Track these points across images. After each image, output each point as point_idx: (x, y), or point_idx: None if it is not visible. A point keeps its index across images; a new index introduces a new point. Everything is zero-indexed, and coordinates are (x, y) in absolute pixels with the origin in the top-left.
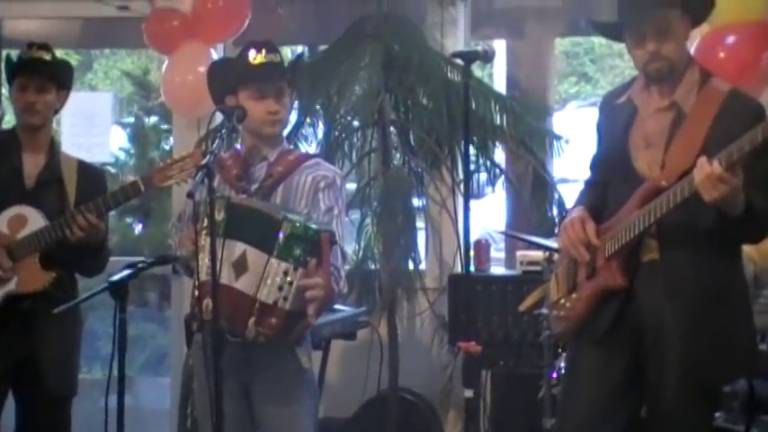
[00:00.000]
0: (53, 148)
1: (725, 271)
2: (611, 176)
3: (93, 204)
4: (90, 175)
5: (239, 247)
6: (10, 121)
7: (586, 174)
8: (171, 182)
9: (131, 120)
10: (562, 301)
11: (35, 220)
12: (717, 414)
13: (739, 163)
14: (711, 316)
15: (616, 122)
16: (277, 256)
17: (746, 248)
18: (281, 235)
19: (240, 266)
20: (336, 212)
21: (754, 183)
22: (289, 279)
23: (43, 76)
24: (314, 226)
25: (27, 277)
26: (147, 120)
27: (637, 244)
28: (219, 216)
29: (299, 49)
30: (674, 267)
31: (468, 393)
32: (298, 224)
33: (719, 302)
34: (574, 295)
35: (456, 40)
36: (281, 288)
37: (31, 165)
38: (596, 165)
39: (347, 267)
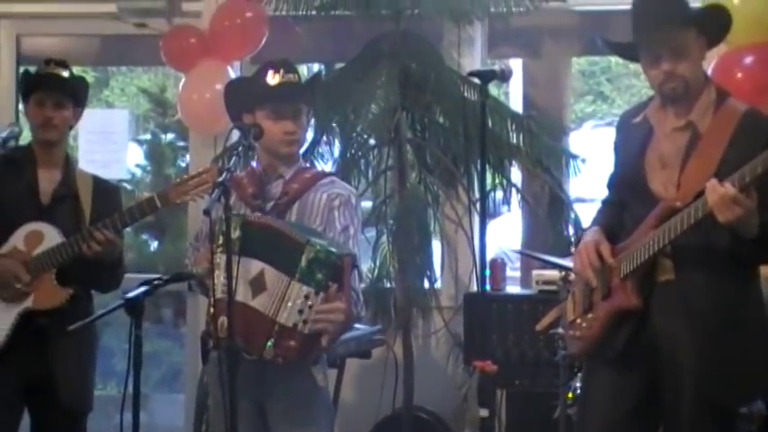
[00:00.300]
0: (68, 164)
1: (740, 291)
2: (627, 196)
3: (109, 220)
4: (105, 190)
5: (256, 266)
6: (27, 136)
7: (603, 193)
8: (187, 198)
9: (148, 137)
10: (578, 321)
11: (51, 236)
12: None
13: (753, 184)
14: (727, 336)
15: (632, 142)
16: (299, 280)
17: (765, 270)
18: (303, 258)
19: (258, 285)
20: (352, 232)
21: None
22: (309, 303)
23: (60, 92)
24: (336, 250)
25: (44, 294)
26: (163, 137)
27: (652, 264)
28: (235, 234)
29: (316, 67)
30: (689, 288)
31: (484, 413)
32: (320, 248)
33: (735, 323)
34: (590, 315)
35: (473, 59)
36: (301, 311)
37: (47, 181)
38: (613, 184)
39: (362, 285)
